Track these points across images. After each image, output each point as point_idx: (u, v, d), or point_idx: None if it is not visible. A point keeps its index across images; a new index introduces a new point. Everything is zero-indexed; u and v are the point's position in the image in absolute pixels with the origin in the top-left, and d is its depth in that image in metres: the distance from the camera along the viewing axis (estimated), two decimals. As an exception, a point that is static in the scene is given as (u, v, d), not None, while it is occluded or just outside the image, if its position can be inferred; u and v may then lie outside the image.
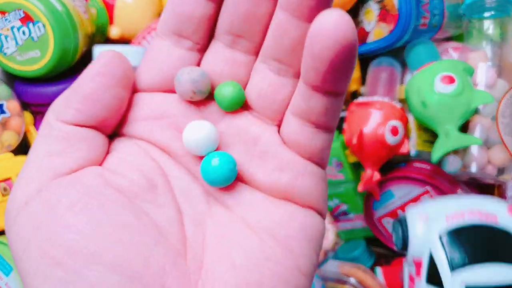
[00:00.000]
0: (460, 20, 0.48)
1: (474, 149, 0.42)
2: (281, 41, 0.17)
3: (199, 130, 0.18)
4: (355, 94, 0.51)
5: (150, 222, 0.17)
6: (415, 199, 0.46)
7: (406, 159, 0.49)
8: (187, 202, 0.18)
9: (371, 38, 0.49)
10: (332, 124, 0.18)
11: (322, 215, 0.19)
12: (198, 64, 0.19)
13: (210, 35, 0.19)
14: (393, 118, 0.45)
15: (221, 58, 0.19)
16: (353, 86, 0.49)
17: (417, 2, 0.45)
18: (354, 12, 0.50)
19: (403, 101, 0.47)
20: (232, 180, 0.18)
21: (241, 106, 0.19)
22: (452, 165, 0.43)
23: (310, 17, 0.16)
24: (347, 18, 0.14)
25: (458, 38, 0.50)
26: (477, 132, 0.42)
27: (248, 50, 0.18)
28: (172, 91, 0.19)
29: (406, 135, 0.46)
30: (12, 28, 0.44)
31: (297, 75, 0.18)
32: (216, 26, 0.18)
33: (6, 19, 0.44)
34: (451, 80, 0.41)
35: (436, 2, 0.46)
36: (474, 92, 0.41)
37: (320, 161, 0.19)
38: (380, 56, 0.50)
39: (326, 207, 0.19)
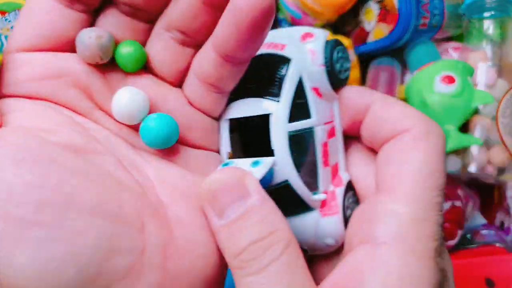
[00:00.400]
0: (460, 20, 0.48)
1: (474, 149, 0.42)
2: (190, 21, 0.18)
3: (129, 98, 0.18)
4: (355, 94, 0.51)
5: (102, 169, 0.17)
6: (415, 199, 0.46)
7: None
8: (116, 151, 0.18)
9: (371, 38, 0.49)
10: (232, 87, 0.20)
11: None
12: (91, 26, 0.18)
13: None
14: (393, 118, 0.45)
15: (120, 24, 0.19)
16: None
17: (417, 2, 0.45)
18: (354, 12, 0.50)
19: (403, 101, 0.47)
20: (174, 142, 0.19)
21: (143, 65, 0.19)
22: (452, 165, 0.43)
23: (222, 7, 0.17)
24: None
25: (458, 38, 0.50)
26: (477, 132, 0.42)
27: (147, 19, 0.19)
28: (62, 50, 0.18)
29: (406, 135, 0.46)
30: (12, 28, 0.44)
31: (198, 45, 0.19)
32: None
33: (6, 19, 0.44)
34: (451, 80, 0.41)
35: (436, 2, 0.46)
36: (474, 92, 0.41)
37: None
38: (380, 56, 0.50)
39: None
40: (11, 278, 0.14)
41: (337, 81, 0.20)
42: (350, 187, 0.21)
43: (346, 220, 0.21)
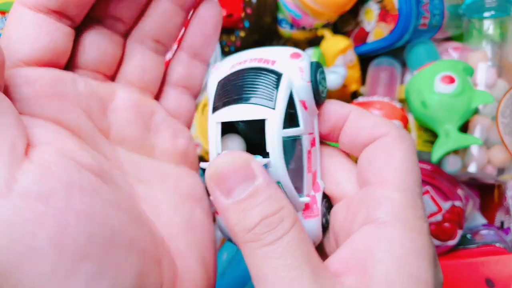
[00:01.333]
0: (460, 20, 0.48)
1: (474, 149, 0.42)
2: (164, 26, 0.22)
3: None
4: (355, 94, 0.51)
5: (127, 200, 0.18)
6: (415, 199, 0.46)
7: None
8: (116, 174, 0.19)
9: (371, 38, 0.49)
10: (200, 87, 0.25)
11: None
12: (74, 40, 0.19)
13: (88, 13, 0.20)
14: (393, 118, 0.45)
15: (101, 38, 0.20)
16: (353, 86, 0.49)
17: (417, 2, 0.45)
18: (354, 12, 0.50)
19: (403, 101, 0.47)
20: None
21: None
22: (452, 165, 0.43)
23: (189, 8, 0.22)
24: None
25: (458, 38, 0.50)
26: (477, 132, 0.42)
27: (122, 32, 0.21)
28: (59, 61, 0.18)
29: (406, 135, 0.46)
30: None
31: (167, 52, 0.23)
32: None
33: (6, 19, 0.44)
34: (451, 80, 0.41)
35: (436, 2, 0.46)
36: (474, 92, 0.41)
37: None
38: (380, 56, 0.50)
39: None
40: None
41: (319, 97, 0.23)
42: (324, 194, 0.23)
43: (322, 225, 0.22)
